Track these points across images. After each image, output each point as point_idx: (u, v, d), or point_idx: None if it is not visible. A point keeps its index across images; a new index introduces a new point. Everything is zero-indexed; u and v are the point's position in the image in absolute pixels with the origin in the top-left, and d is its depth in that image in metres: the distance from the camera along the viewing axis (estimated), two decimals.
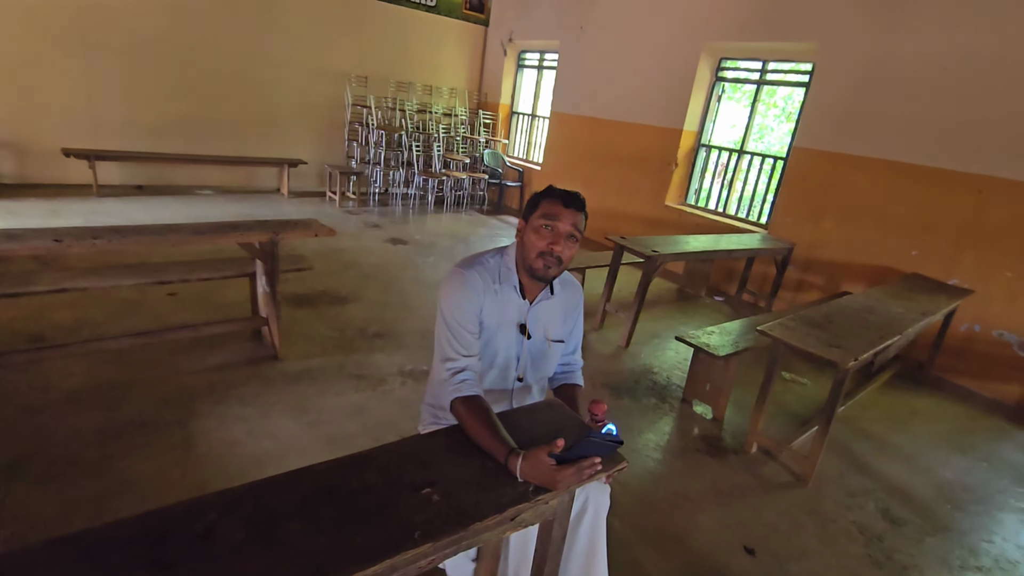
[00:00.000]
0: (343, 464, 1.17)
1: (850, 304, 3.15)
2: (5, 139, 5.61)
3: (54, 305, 3.38)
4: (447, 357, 1.41)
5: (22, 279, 2.74)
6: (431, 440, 1.31)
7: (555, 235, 1.42)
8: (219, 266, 3.27)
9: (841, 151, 4.64)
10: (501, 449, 1.20)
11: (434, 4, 7.82)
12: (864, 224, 4.55)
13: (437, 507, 1.08)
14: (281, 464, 2.27)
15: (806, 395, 3.66)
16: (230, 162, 6.73)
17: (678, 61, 5.80)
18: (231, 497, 1.04)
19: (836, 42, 4.59)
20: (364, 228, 6.21)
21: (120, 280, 2.89)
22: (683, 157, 6.00)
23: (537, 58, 8.11)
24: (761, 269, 5.22)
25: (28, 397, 2.52)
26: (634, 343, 4.04)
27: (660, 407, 3.23)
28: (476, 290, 1.45)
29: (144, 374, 2.82)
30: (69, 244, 2.34)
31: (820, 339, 2.51)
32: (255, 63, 6.71)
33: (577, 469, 1.14)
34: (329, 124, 7.49)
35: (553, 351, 1.62)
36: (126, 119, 6.13)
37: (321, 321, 3.69)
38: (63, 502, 1.97)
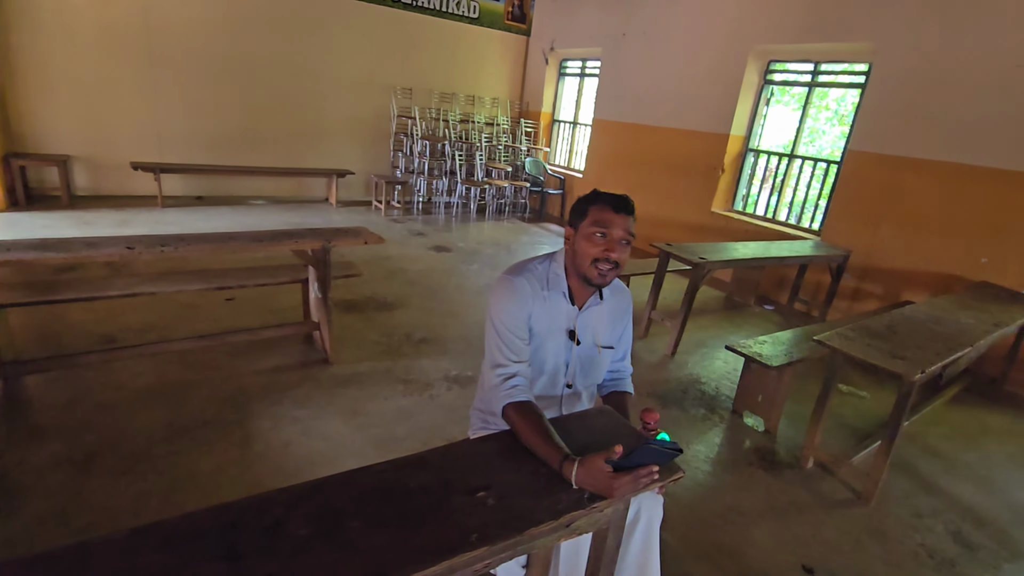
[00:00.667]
0: (399, 465, 1.19)
1: (914, 314, 2.99)
2: (81, 154, 6.02)
3: (123, 309, 3.58)
4: (497, 363, 1.42)
5: (98, 284, 2.92)
6: (483, 444, 1.32)
7: (609, 241, 1.41)
8: (274, 272, 3.40)
9: (901, 154, 4.44)
10: (555, 455, 1.20)
11: (477, 16, 7.95)
12: (926, 230, 4.33)
13: (492, 511, 1.09)
14: (333, 464, 2.34)
15: (865, 409, 3.49)
16: (282, 173, 7.01)
17: (725, 65, 5.69)
18: (296, 493, 1.08)
19: (895, 41, 4.40)
20: (409, 236, 6.34)
21: (185, 285, 3.05)
22: (730, 162, 5.86)
23: (579, 66, 8.11)
24: (814, 277, 5.02)
25: (102, 395, 2.68)
26: (680, 352, 3.95)
27: (709, 418, 3.15)
28: (525, 296, 1.46)
29: (205, 375, 2.95)
30: (140, 251, 2.48)
31: (883, 350, 2.39)
32: (307, 77, 6.98)
33: (634, 477, 1.12)
34: (375, 135, 7.70)
35: (603, 357, 1.61)
36: (187, 133, 6.48)
37: (369, 326, 3.78)
38: (134, 494, 2.08)
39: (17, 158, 5.53)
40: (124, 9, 5.81)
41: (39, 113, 5.71)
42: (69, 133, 5.88)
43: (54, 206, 5.70)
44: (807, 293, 5.08)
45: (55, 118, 5.79)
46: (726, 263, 3.85)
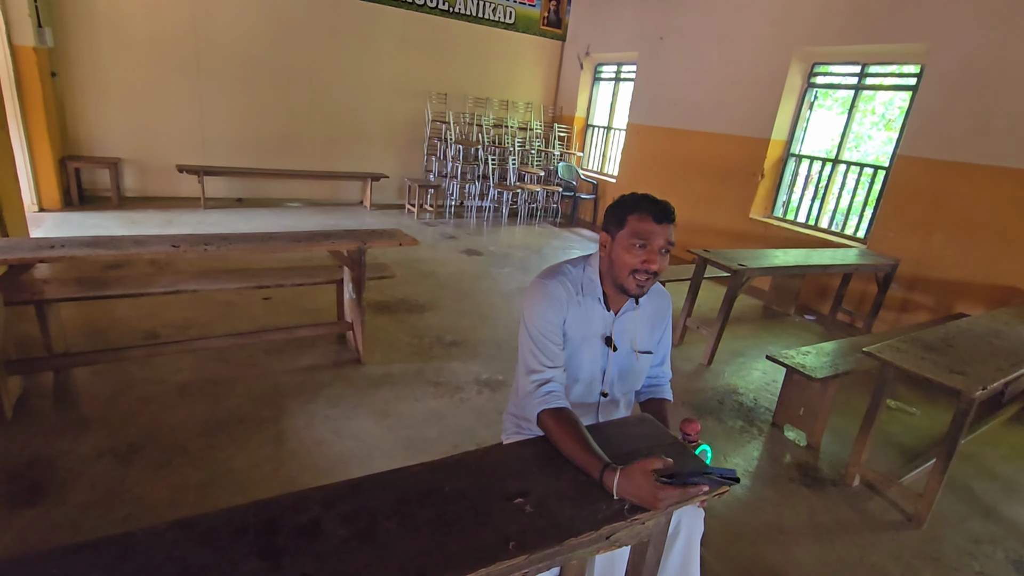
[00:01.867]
0: (435, 468, 1.17)
1: (972, 327, 2.83)
2: (131, 157, 6.26)
3: (166, 306, 3.69)
4: (532, 369, 1.39)
5: (143, 281, 3.01)
6: (520, 449, 1.29)
7: (649, 252, 1.35)
8: (311, 273, 3.45)
9: (955, 159, 4.23)
10: (595, 463, 1.16)
11: (512, 21, 7.98)
12: (983, 239, 4.11)
13: (531, 518, 1.05)
14: (365, 464, 2.34)
15: (915, 426, 3.32)
16: (318, 176, 7.15)
17: (766, 68, 5.55)
18: (332, 492, 1.06)
19: (949, 42, 4.21)
20: (441, 239, 6.37)
21: (225, 284, 3.12)
22: (770, 168, 5.71)
23: (614, 71, 8.04)
24: (858, 287, 4.83)
25: (144, 388, 2.75)
26: (717, 361, 3.84)
27: (748, 430, 3.04)
28: (560, 300, 1.42)
29: (242, 372, 3.00)
30: (184, 249, 2.54)
31: (939, 364, 2.27)
32: (344, 83, 7.11)
33: (682, 492, 1.07)
34: (409, 139, 7.79)
35: (641, 363, 1.56)
36: (230, 137, 6.68)
37: (401, 328, 3.80)
38: (172, 487, 2.12)
39: (73, 161, 5.79)
40: (176, 19, 6.04)
41: (93, 118, 5.97)
42: (120, 137, 6.13)
43: (105, 206, 5.94)
44: (851, 303, 4.89)
45: (108, 123, 6.04)
46: (766, 270, 3.73)
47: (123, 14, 5.79)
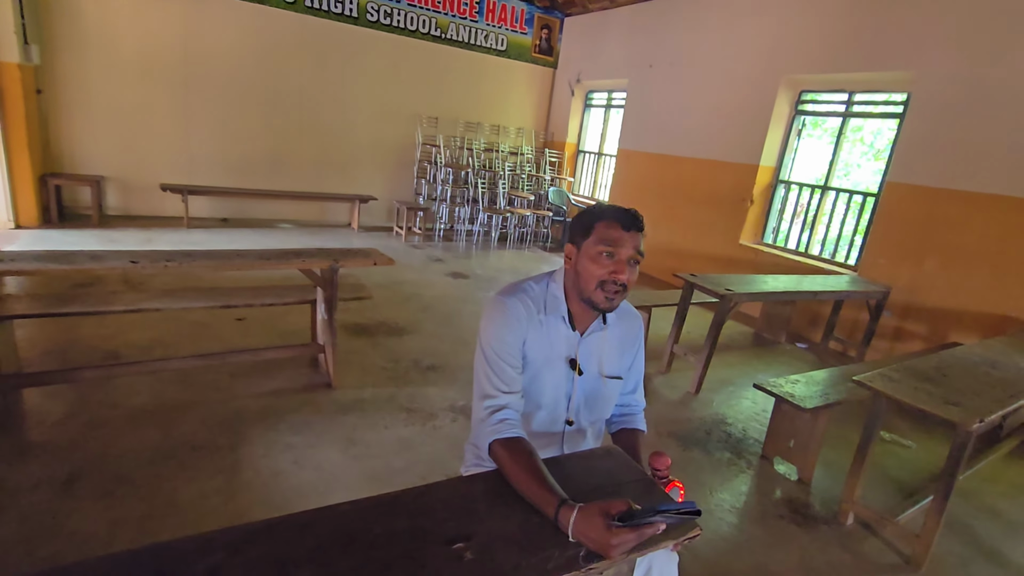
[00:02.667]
0: (368, 506, 1.03)
1: (966, 356, 2.72)
2: (114, 175, 6.18)
3: (134, 326, 3.54)
4: (485, 394, 1.27)
5: (104, 299, 2.88)
6: (470, 485, 1.15)
7: (617, 262, 1.25)
8: (282, 293, 3.32)
9: (944, 186, 4.19)
10: (550, 500, 1.03)
11: (504, 48, 8.06)
12: (975, 266, 4.04)
13: (470, 567, 0.92)
14: (322, 498, 2.17)
15: (910, 460, 3.17)
16: (306, 197, 7.08)
17: (754, 95, 5.56)
18: (241, 535, 0.92)
19: (935, 69, 4.21)
20: (427, 262, 6.27)
21: (190, 303, 2.99)
22: (759, 194, 5.67)
23: (604, 97, 8.10)
24: (850, 315, 4.73)
25: (95, 412, 2.59)
26: (705, 390, 3.71)
27: (735, 463, 2.89)
28: (519, 320, 1.30)
29: (204, 396, 2.85)
30: (144, 265, 2.42)
31: (933, 395, 2.14)
32: (334, 105, 7.11)
33: (638, 535, 0.94)
34: (399, 162, 7.77)
35: (609, 389, 1.43)
36: (216, 157, 6.62)
37: (377, 351, 3.66)
38: (110, 520, 1.96)
39: (53, 178, 5.70)
40: (166, 39, 6.04)
41: (78, 135, 5.91)
42: (104, 155, 6.06)
43: (84, 224, 5.83)
44: (843, 331, 4.78)
45: (92, 140, 5.98)
46: (755, 296, 3.63)
47: (113, 33, 5.79)
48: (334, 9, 6.74)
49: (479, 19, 7.72)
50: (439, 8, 7.39)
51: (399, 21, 7.17)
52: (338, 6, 6.75)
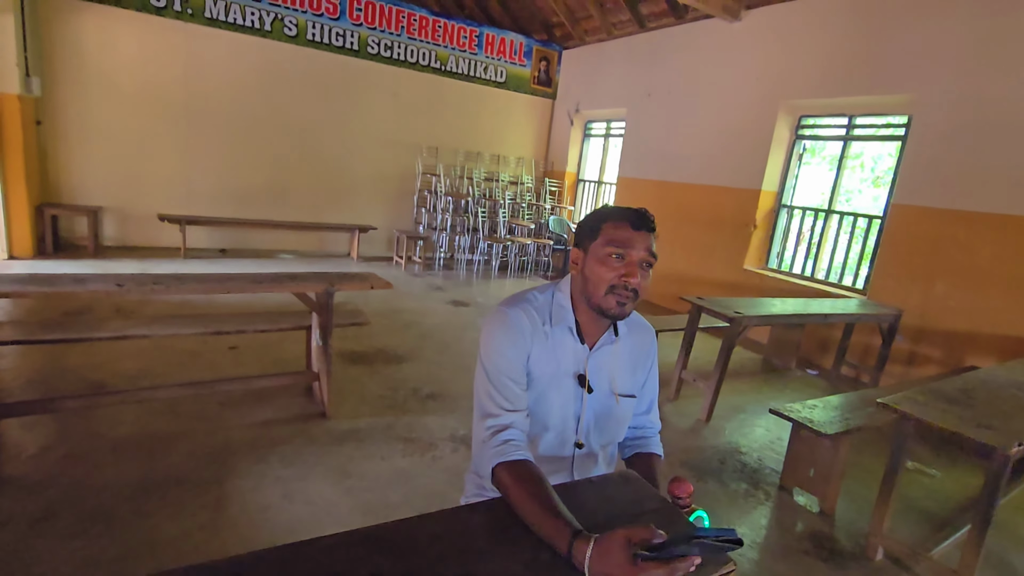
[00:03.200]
0: (355, 541, 0.91)
1: (990, 379, 2.59)
2: (112, 205, 6.15)
3: (123, 355, 3.42)
4: (487, 413, 1.15)
5: (92, 325, 2.78)
6: (469, 516, 1.02)
7: (628, 264, 1.16)
8: (276, 318, 3.22)
9: (950, 207, 4.14)
10: (563, 532, 0.90)
11: (504, 80, 8.16)
12: (988, 287, 3.94)
13: None
14: (311, 535, 2.01)
15: (937, 490, 3.00)
16: (306, 227, 7.04)
17: (753, 121, 5.58)
18: (208, 574, 0.80)
19: (936, 91, 4.21)
20: (427, 290, 6.18)
21: (180, 329, 2.88)
22: (762, 218, 5.62)
23: (603, 127, 8.16)
24: (861, 339, 4.61)
25: (76, 444, 2.45)
26: (716, 417, 3.56)
27: (753, 494, 2.73)
28: (523, 333, 1.19)
29: (192, 426, 2.71)
30: (129, 289, 2.32)
31: (964, 418, 2.02)
32: (334, 136, 7.15)
33: (669, 571, 0.81)
34: (399, 192, 7.77)
35: (622, 409, 1.31)
36: (216, 187, 6.61)
37: (375, 379, 3.52)
38: (81, 561, 1.81)
39: (50, 208, 5.66)
40: (167, 71, 6.11)
41: (76, 166, 5.90)
42: (103, 185, 6.04)
43: (80, 255, 5.76)
44: (854, 356, 4.65)
45: (91, 171, 5.97)
46: (765, 319, 3.52)
47: (115, 66, 5.85)
48: (335, 42, 6.85)
49: (478, 52, 7.84)
50: (439, 41, 7.51)
51: (399, 54, 7.28)
52: (339, 39, 6.86)
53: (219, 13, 6.17)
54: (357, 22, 6.93)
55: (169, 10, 5.94)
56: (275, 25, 6.48)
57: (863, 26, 4.70)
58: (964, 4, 4.08)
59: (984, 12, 3.97)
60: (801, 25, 5.19)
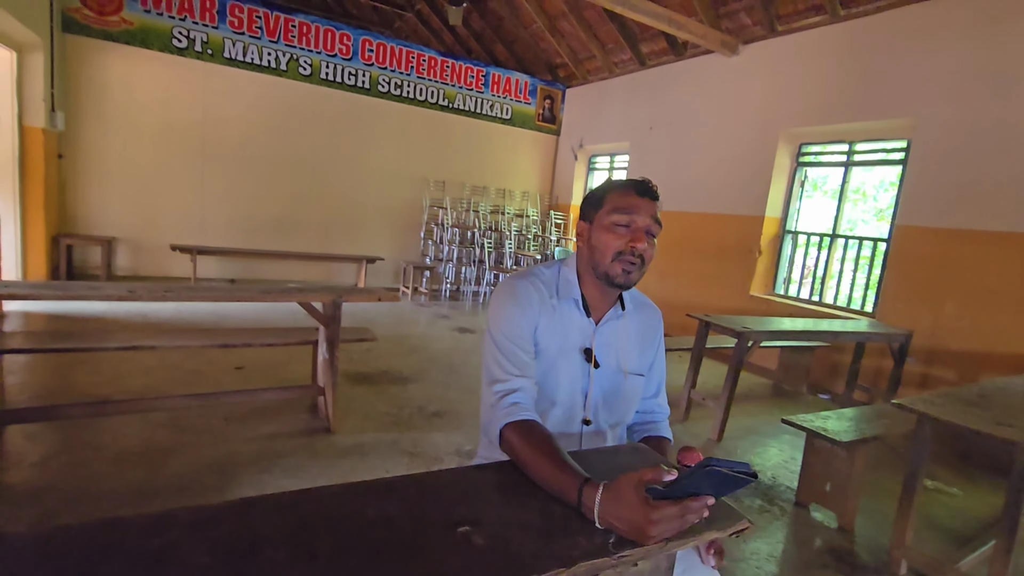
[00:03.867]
0: (360, 490, 0.89)
1: (1007, 385, 2.54)
2: (126, 236, 6.28)
3: (129, 372, 3.42)
4: (495, 379, 1.14)
5: (98, 337, 2.79)
6: (478, 473, 1.01)
7: (634, 231, 1.17)
8: (283, 333, 3.22)
9: (954, 227, 4.15)
10: (571, 481, 0.88)
11: (509, 117, 8.41)
12: (998, 306, 3.90)
13: (480, 552, 0.76)
14: None
15: (959, 508, 2.89)
16: (314, 258, 7.13)
17: (754, 149, 5.69)
18: (211, 513, 0.79)
19: (933, 115, 4.30)
20: (434, 319, 6.18)
21: (187, 341, 2.89)
22: (767, 244, 5.65)
23: (607, 160, 8.34)
24: (872, 362, 4.54)
25: (78, 454, 2.43)
26: (729, 437, 3.48)
27: (768, 510, 2.64)
28: (531, 302, 1.20)
29: (195, 439, 2.68)
30: (140, 295, 2.35)
31: (983, 417, 1.97)
32: (343, 170, 7.33)
33: (681, 509, 0.79)
34: (407, 224, 7.89)
35: (630, 386, 1.29)
36: (227, 219, 6.74)
37: (380, 398, 3.49)
38: None
39: (66, 238, 5.78)
40: (186, 109, 6.34)
41: (94, 198, 6.06)
42: (118, 217, 6.18)
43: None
44: (866, 380, 4.57)
45: (107, 203, 6.12)
46: (772, 334, 3.49)
47: (135, 103, 6.09)
48: (347, 81, 7.12)
49: (485, 90, 8.12)
50: (447, 80, 7.80)
51: (408, 92, 7.55)
52: (351, 78, 7.13)
53: (237, 53, 6.46)
54: (368, 62, 7.22)
55: (190, 50, 6.23)
56: (291, 65, 6.77)
57: (857, 55, 4.85)
58: (955, 31, 4.21)
59: (975, 38, 4.10)
60: (796, 57, 5.37)
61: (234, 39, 6.43)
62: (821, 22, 5.16)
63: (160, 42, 6.08)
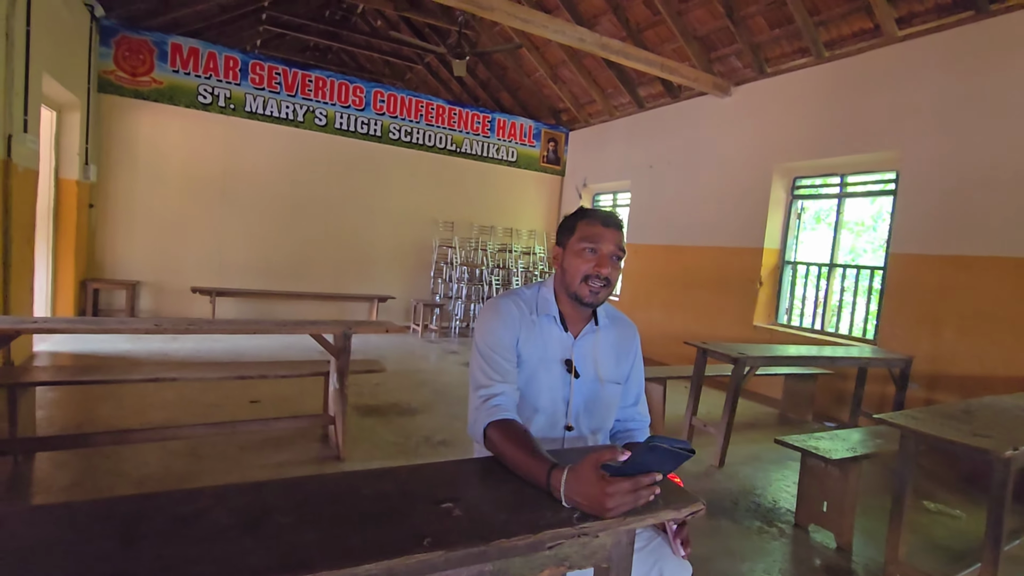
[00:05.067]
0: (356, 475, 1.03)
1: (995, 402, 2.60)
2: (149, 280, 6.57)
3: (150, 407, 3.59)
4: (479, 385, 1.29)
5: (123, 369, 2.97)
6: (465, 464, 1.14)
7: (599, 257, 1.33)
8: (296, 366, 3.39)
9: (947, 253, 4.25)
10: (541, 466, 1.01)
11: (515, 159, 8.75)
12: (996, 330, 3.95)
13: (457, 520, 0.89)
14: None
15: (961, 530, 2.89)
16: (327, 298, 7.36)
17: (750, 184, 5.88)
18: (231, 490, 0.93)
19: (918, 147, 4.47)
20: (443, 354, 6.31)
21: (206, 374, 3.06)
22: (767, 275, 5.77)
23: (611, 198, 8.58)
24: (876, 389, 4.56)
25: (101, 480, 2.57)
26: (732, 463, 3.52)
27: (767, 531, 2.67)
28: (511, 317, 1.35)
29: (211, 466, 2.81)
30: (166, 328, 2.54)
31: (961, 430, 2.04)
32: (356, 213, 7.64)
33: (633, 483, 0.91)
34: (417, 263, 8.13)
35: (608, 394, 1.42)
36: (246, 261, 7.04)
37: (388, 429, 3.61)
38: None
39: (93, 282, 6.08)
40: (209, 159, 6.74)
41: (121, 245, 6.39)
42: (143, 261, 6.50)
43: None
44: (871, 407, 4.58)
45: (133, 249, 6.45)
46: (768, 360, 3.57)
47: (161, 154, 6.49)
48: (360, 130, 7.52)
49: (491, 135, 8.49)
50: (454, 126, 8.19)
51: (418, 138, 7.93)
52: (364, 127, 7.54)
53: (258, 107, 6.89)
54: (380, 112, 7.64)
55: (214, 106, 6.67)
56: (307, 116, 7.19)
57: (843, 93, 5.07)
58: (931, 69, 4.43)
59: (951, 74, 4.30)
60: (786, 96, 5.62)
61: (255, 94, 6.87)
62: (807, 63, 5.43)
63: (187, 99, 6.53)
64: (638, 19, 6.40)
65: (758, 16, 5.46)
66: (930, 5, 4.44)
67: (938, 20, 4.42)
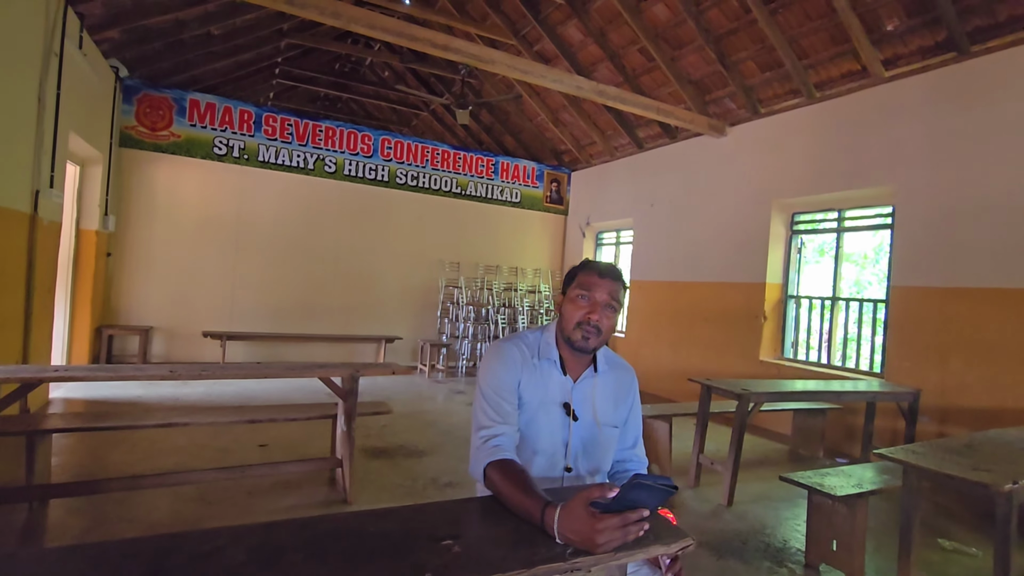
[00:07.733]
0: (362, 515, 1.09)
1: (998, 436, 2.60)
2: (162, 325, 6.71)
3: (161, 452, 3.64)
4: (481, 426, 1.35)
5: (135, 416, 3.05)
6: (464, 504, 1.19)
7: (592, 304, 1.40)
8: (304, 409, 3.44)
9: (948, 284, 4.29)
10: (536, 504, 1.06)
11: (519, 200, 8.96)
12: (1004, 361, 3.95)
13: (456, 556, 0.95)
14: None
15: (977, 569, 2.84)
16: (335, 339, 7.45)
17: (750, 220, 5.99)
18: (244, 530, 0.99)
19: (913, 182, 4.58)
20: (450, 395, 6.34)
21: (217, 418, 3.12)
22: (771, 310, 5.80)
23: (614, 236, 8.72)
24: (887, 424, 4.53)
25: (113, 526, 2.60)
26: (741, 502, 3.49)
27: (776, 572, 2.64)
28: (514, 361, 1.42)
29: (221, 511, 2.84)
30: (180, 374, 2.63)
31: (961, 464, 2.06)
32: (364, 256, 7.82)
33: (621, 520, 0.97)
34: (423, 304, 8.24)
35: (606, 437, 1.48)
36: (255, 305, 7.18)
37: (395, 471, 3.62)
38: None
39: (108, 329, 6.22)
40: (223, 207, 6.98)
41: (136, 292, 6.57)
42: (156, 307, 6.65)
43: None
44: (882, 442, 4.53)
45: (147, 296, 6.62)
46: (772, 396, 3.59)
47: (177, 204, 6.73)
48: (368, 176, 7.78)
49: (495, 177, 8.73)
50: (459, 170, 8.44)
51: (424, 182, 8.18)
52: (372, 173, 7.80)
53: (270, 157, 7.17)
54: (387, 158, 7.91)
55: (228, 156, 6.95)
56: (317, 164, 7.46)
57: (836, 130, 5.23)
58: (919, 107, 4.58)
59: (941, 113, 4.44)
60: (780, 135, 5.79)
61: (268, 144, 7.17)
62: (799, 104, 5.62)
63: (203, 151, 6.82)
64: (634, 66, 6.68)
65: (749, 61, 5.68)
66: (914, 48, 4.63)
67: (923, 61, 4.60)
